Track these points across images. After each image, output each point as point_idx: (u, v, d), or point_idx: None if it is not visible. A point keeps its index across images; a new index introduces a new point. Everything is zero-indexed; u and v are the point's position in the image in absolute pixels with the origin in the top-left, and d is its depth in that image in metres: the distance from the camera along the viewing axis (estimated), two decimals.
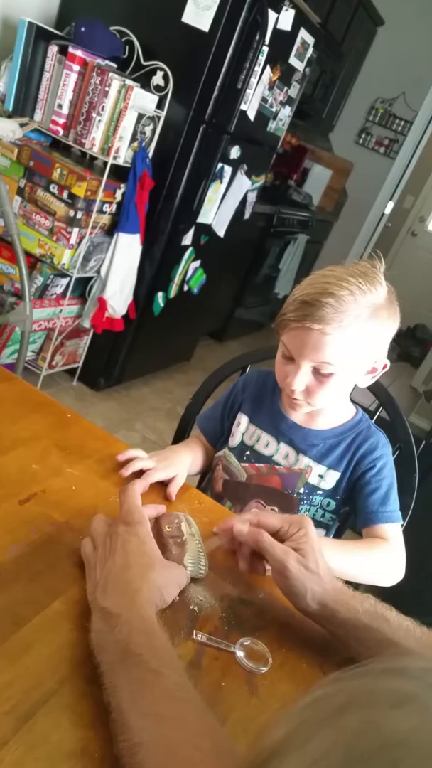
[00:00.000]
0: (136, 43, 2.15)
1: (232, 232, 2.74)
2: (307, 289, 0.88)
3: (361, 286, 0.86)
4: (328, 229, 4.72)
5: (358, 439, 1.01)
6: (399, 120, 4.41)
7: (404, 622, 0.68)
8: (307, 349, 0.88)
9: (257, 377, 1.11)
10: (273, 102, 2.58)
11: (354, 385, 0.97)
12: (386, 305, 0.89)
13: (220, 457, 1.11)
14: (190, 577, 0.75)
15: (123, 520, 0.71)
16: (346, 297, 0.85)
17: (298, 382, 0.90)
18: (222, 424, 1.12)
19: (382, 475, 0.99)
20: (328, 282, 0.87)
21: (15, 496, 0.79)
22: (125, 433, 2.44)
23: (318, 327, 0.85)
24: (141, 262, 2.34)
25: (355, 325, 0.86)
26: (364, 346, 0.90)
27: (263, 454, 1.04)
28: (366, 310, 0.87)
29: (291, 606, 0.74)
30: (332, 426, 1.01)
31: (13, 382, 1.06)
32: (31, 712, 0.54)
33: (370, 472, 0.99)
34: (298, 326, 0.88)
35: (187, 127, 2.22)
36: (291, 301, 0.90)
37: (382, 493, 0.98)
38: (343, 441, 1.01)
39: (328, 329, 0.85)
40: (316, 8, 2.61)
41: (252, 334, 4.26)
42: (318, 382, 0.91)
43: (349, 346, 0.88)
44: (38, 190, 2.12)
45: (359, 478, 1.00)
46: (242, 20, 2.10)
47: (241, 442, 1.07)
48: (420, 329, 5.49)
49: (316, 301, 0.85)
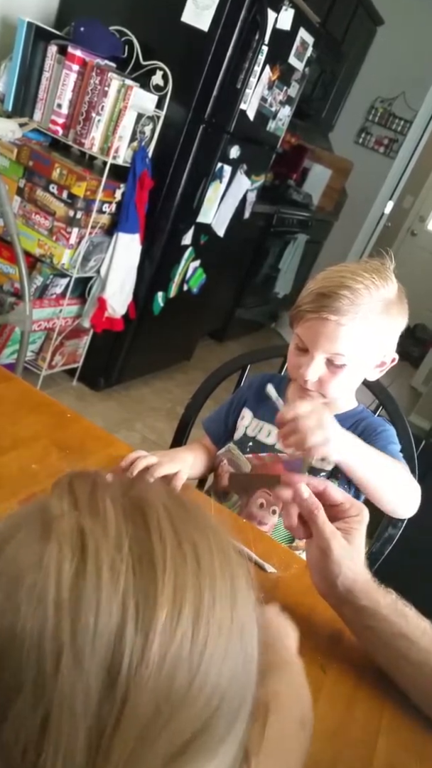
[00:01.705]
0: (136, 43, 2.15)
1: (231, 231, 2.74)
2: (323, 282, 0.91)
3: (375, 281, 0.90)
4: (328, 228, 4.72)
5: (358, 423, 1.03)
6: (399, 120, 4.40)
7: (422, 623, 0.69)
8: (322, 340, 0.91)
9: (263, 377, 1.14)
10: (272, 102, 2.58)
11: (363, 378, 0.99)
12: (397, 301, 0.93)
13: (224, 453, 1.12)
14: None
15: None
16: (361, 290, 0.88)
17: (311, 373, 0.92)
18: (226, 422, 1.14)
19: (382, 436, 1.01)
20: (343, 276, 0.90)
21: (15, 495, 0.79)
22: (125, 433, 2.43)
23: (334, 318, 0.88)
24: (141, 261, 2.34)
25: (369, 318, 0.89)
26: (376, 339, 0.93)
27: (266, 444, 1.06)
28: (379, 304, 0.90)
29: (290, 605, 0.74)
30: (334, 413, 1.02)
31: (13, 382, 1.05)
32: None
33: (370, 437, 1.00)
34: (315, 317, 0.90)
35: (187, 126, 2.22)
36: (306, 294, 0.93)
37: (382, 443, 0.99)
38: (344, 425, 1.00)
39: (344, 320, 0.88)
40: (316, 8, 2.61)
41: (252, 334, 4.25)
42: (331, 373, 0.93)
43: (362, 338, 0.91)
44: (38, 190, 2.12)
45: None
46: (242, 20, 2.09)
47: (244, 434, 1.09)
48: (420, 329, 5.48)
49: (332, 293, 0.88)
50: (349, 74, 4.30)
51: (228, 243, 2.80)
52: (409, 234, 5.82)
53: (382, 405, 1.19)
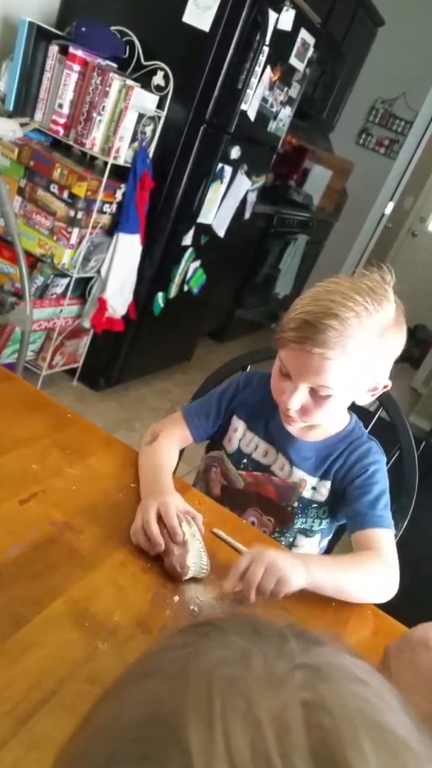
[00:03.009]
0: (137, 43, 2.15)
1: (232, 232, 2.74)
2: (310, 307, 0.82)
3: (368, 306, 0.81)
4: (329, 229, 4.72)
5: (350, 447, 0.98)
6: (399, 120, 4.41)
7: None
8: (306, 372, 0.84)
9: (258, 380, 1.06)
10: (273, 102, 2.58)
11: (352, 402, 0.93)
12: (393, 325, 0.85)
13: (217, 458, 1.09)
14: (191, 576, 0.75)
15: None
16: (351, 320, 0.80)
17: (293, 402, 0.87)
18: (214, 421, 1.06)
19: (373, 480, 0.95)
20: (332, 300, 0.81)
21: (15, 495, 0.79)
22: (125, 433, 2.43)
23: (319, 351, 0.80)
24: (141, 262, 2.34)
25: (359, 349, 0.82)
26: (367, 367, 0.86)
27: (261, 463, 1.02)
28: (371, 332, 0.82)
29: (289, 605, 0.74)
30: (326, 437, 0.98)
31: (13, 382, 1.06)
32: (31, 712, 0.54)
33: (361, 477, 0.95)
34: (299, 347, 0.82)
35: (188, 127, 2.22)
36: (292, 317, 0.84)
37: (372, 497, 0.93)
38: (335, 450, 0.98)
39: (330, 354, 0.81)
40: (317, 8, 2.61)
41: (252, 334, 4.26)
42: (315, 403, 0.87)
43: (350, 371, 0.84)
44: (38, 190, 2.12)
45: (350, 483, 0.96)
46: (243, 20, 2.09)
47: (238, 449, 1.04)
48: (420, 330, 5.49)
49: (318, 323, 0.80)
50: (350, 75, 4.31)
51: (228, 243, 2.80)
52: (410, 235, 5.83)
53: (383, 406, 1.19)
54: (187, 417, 1.05)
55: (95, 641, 0.64)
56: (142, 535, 0.79)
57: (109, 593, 0.71)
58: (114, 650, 0.64)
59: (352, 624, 0.83)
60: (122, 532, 0.80)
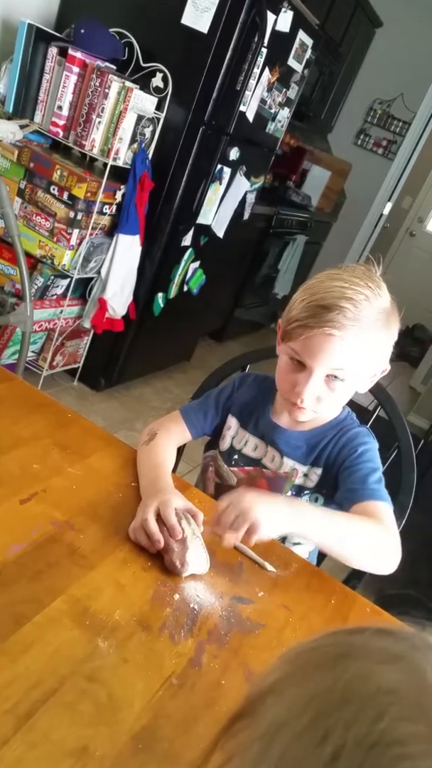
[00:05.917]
0: (136, 45, 2.15)
1: (231, 232, 2.75)
2: (322, 294, 0.85)
3: (373, 290, 0.86)
4: (327, 229, 4.73)
5: (339, 433, 0.99)
6: (397, 121, 4.41)
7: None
8: (324, 355, 0.86)
9: (252, 380, 1.09)
10: (272, 103, 2.59)
11: (355, 391, 0.95)
12: (393, 311, 0.89)
13: (212, 458, 1.10)
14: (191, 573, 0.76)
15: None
16: (362, 302, 0.84)
17: (309, 392, 0.88)
18: (212, 420, 1.08)
19: (363, 458, 0.95)
20: (341, 286, 0.85)
21: (16, 495, 0.79)
22: (126, 433, 2.44)
23: (339, 333, 0.84)
24: (141, 262, 2.35)
25: (370, 329, 0.85)
26: (376, 351, 0.89)
27: (251, 457, 1.03)
28: (379, 315, 0.86)
29: (290, 603, 0.75)
30: (316, 426, 0.99)
31: (13, 383, 1.06)
32: (31, 710, 0.55)
33: (351, 457, 0.96)
34: (316, 332, 0.85)
35: (187, 128, 2.23)
36: (302, 306, 0.87)
37: (362, 473, 0.93)
38: (325, 437, 0.99)
39: (348, 335, 0.84)
40: (315, 10, 2.61)
41: (251, 334, 4.26)
42: (329, 390, 0.89)
43: (363, 351, 0.87)
44: (38, 191, 2.12)
45: (341, 465, 0.97)
46: (241, 22, 2.10)
47: (231, 446, 1.06)
48: (418, 329, 5.50)
49: (334, 306, 0.83)
50: (348, 76, 4.32)
51: (228, 244, 2.81)
52: (408, 235, 5.84)
53: (381, 405, 1.20)
54: (184, 414, 1.07)
55: (96, 639, 0.64)
56: (142, 533, 0.79)
57: (109, 592, 0.71)
58: (115, 648, 0.64)
59: (352, 620, 0.84)
60: (123, 531, 0.81)
